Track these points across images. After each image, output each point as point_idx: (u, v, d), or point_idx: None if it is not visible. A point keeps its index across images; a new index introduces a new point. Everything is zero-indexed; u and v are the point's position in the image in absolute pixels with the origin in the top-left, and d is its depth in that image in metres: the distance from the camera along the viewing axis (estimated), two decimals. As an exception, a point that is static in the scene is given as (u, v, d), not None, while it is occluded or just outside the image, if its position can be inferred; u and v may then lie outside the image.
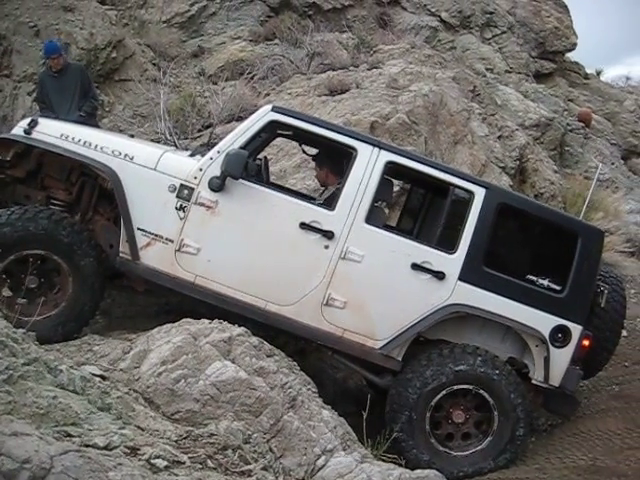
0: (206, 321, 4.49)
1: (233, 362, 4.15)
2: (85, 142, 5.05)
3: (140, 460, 2.88)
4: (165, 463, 2.93)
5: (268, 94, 11.02)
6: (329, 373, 6.43)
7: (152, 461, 2.90)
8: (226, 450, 3.42)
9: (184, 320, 4.55)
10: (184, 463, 3.05)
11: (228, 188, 4.95)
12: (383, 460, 4.36)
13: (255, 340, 4.43)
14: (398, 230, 5.97)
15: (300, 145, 6.62)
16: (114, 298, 6.13)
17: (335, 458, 3.91)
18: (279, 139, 7.18)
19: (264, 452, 3.72)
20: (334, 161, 5.38)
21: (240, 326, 4.50)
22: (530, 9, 19.77)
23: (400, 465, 4.26)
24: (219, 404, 3.90)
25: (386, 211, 6.49)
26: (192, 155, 5.43)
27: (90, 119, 7.73)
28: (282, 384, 4.19)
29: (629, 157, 19.54)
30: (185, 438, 3.42)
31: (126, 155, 5.00)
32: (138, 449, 2.96)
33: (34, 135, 5.11)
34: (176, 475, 2.88)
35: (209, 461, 3.22)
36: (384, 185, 5.22)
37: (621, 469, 4.77)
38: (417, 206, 6.74)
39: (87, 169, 5.16)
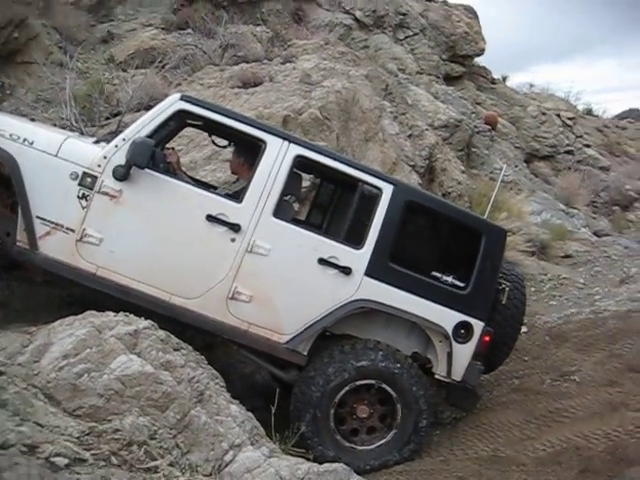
0: (111, 314, 4.37)
1: (139, 356, 4.05)
2: None
3: (39, 459, 2.78)
4: (66, 461, 2.85)
5: (180, 84, 10.85)
6: (237, 367, 6.39)
7: (52, 459, 2.81)
8: (131, 446, 3.35)
9: (88, 312, 4.40)
10: (86, 460, 2.97)
11: (133, 177, 4.83)
12: (291, 454, 4.36)
13: (162, 333, 4.34)
14: (306, 225, 5.98)
15: (210, 136, 6.52)
16: (13, 290, 5.88)
17: (243, 453, 3.88)
18: (190, 130, 7.07)
19: (170, 448, 3.65)
20: (252, 154, 5.33)
21: (147, 319, 4.41)
22: (442, 13, 20.28)
23: (308, 459, 4.27)
24: (124, 399, 3.80)
25: (295, 205, 6.49)
26: (97, 142, 5.27)
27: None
28: (189, 378, 4.13)
29: (531, 160, 20.38)
30: (88, 434, 3.32)
31: (25, 139, 4.79)
32: (37, 447, 2.86)
33: None
34: (78, 473, 2.80)
35: (113, 458, 3.14)
36: (293, 179, 5.22)
37: (520, 459, 4.96)
38: (326, 201, 6.78)
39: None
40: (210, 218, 4.91)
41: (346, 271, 5.08)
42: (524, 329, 7.89)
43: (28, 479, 2.52)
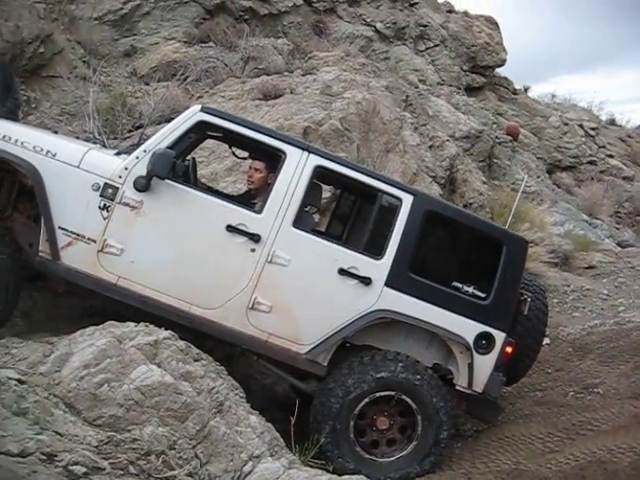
0: (132, 324, 4.39)
1: (159, 366, 4.07)
2: (5, 136, 4.86)
3: (57, 467, 2.78)
4: (84, 469, 2.85)
5: (201, 96, 10.92)
6: (257, 379, 6.38)
7: (70, 467, 2.81)
8: (149, 456, 3.35)
9: (109, 323, 4.43)
10: (104, 469, 2.96)
11: (154, 188, 4.86)
12: (311, 466, 4.35)
13: (182, 344, 4.35)
14: (326, 235, 5.96)
15: (230, 147, 6.55)
16: (36, 300, 5.94)
17: (262, 464, 3.87)
18: (211, 141, 7.10)
19: (189, 458, 3.65)
20: (272, 166, 5.26)
21: (167, 329, 4.42)
22: (462, 24, 20.27)
23: (328, 471, 4.25)
24: (144, 409, 3.81)
25: (315, 217, 6.48)
26: (118, 154, 5.31)
27: (12, 115, 7.41)
28: (209, 389, 4.13)
29: (554, 171, 20.22)
30: (106, 443, 3.33)
31: (48, 151, 4.84)
32: (55, 455, 2.86)
33: None
34: (95, 482, 2.80)
35: (131, 467, 3.14)
36: (313, 189, 5.21)
37: (542, 472, 4.89)
38: (346, 212, 6.77)
39: (6, 165, 4.96)
40: (230, 228, 4.92)
41: (366, 281, 5.06)
42: (547, 341, 7.80)
43: (46, 487, 2.53)
